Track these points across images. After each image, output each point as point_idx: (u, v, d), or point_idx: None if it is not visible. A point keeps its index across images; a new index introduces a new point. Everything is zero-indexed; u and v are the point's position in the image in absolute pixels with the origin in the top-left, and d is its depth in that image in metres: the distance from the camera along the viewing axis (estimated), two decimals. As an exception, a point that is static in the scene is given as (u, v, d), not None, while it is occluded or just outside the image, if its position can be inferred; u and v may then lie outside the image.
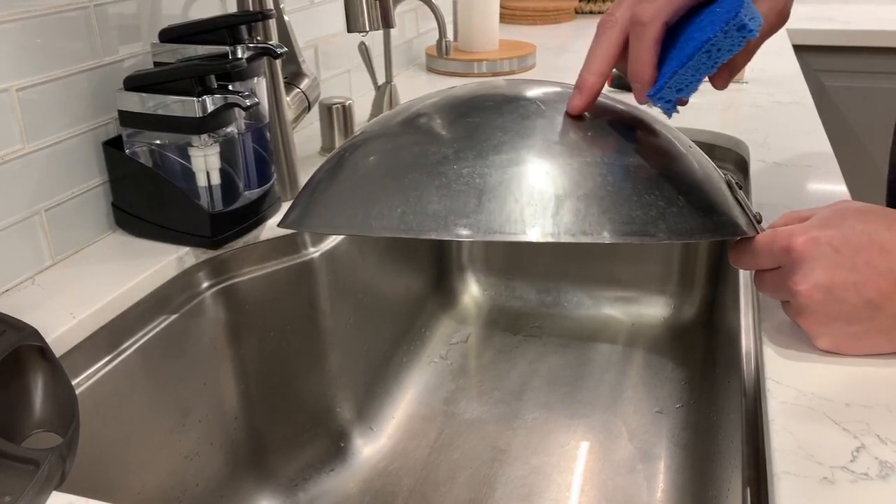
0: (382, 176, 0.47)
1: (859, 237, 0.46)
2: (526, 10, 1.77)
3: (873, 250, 0.45)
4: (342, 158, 0.51)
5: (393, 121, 0.52)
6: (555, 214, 0.43)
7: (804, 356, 0.48)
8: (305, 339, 0.80)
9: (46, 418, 0.47)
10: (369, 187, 0.47)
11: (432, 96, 0.54)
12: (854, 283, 0.45)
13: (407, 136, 0.49)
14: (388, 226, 0.44)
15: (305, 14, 1.00)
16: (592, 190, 0.44)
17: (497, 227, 0.43)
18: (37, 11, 0.61)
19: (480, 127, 0.47)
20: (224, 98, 0.64)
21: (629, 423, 0.87)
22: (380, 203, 0.45)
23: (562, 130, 0.48)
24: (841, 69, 1.68)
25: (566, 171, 0.45)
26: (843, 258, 0.45)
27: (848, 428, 0.42)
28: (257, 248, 0.73)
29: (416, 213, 0.44)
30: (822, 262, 0.46)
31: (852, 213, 0.47)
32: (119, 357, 0.61)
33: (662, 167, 0.47)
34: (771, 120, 0.98)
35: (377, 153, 0.49)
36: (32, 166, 0.62)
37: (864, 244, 0.45)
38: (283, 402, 0.79)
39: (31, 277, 0.63)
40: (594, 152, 0.46)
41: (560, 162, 0.45)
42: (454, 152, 0.46)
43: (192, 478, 0.69)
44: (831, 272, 0.46)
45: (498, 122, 0.48)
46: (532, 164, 0.45)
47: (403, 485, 0.81)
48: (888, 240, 0.45)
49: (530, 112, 0.49)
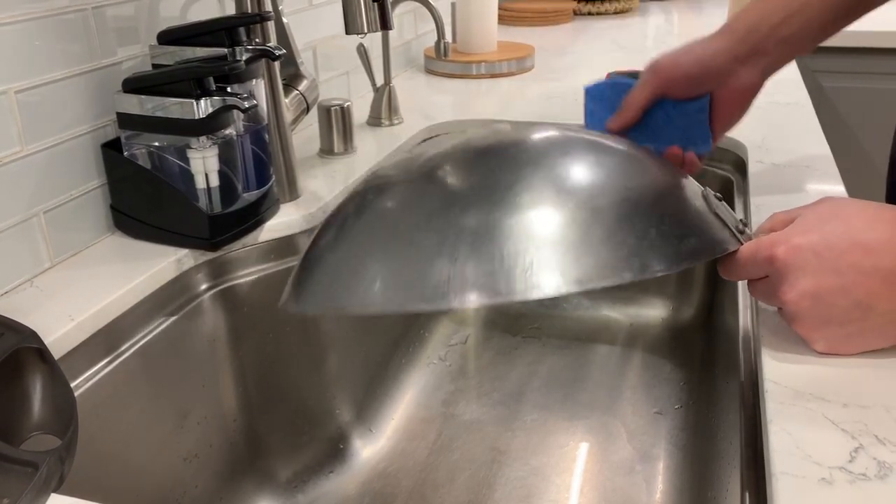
0: (385, 243, 0.46)
1: (841, 239, 0.45)
2: (524, 12, 1.77)
3: (856, 252, 0.45)
4: (344, 226, 0.50)
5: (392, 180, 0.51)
6: (510, 276, 0.42)
7: (802, 357, 0.48)
8: (304, 340, 0.80)
9: (45, 420, 0.47)
10: (371, 258, 0.46)
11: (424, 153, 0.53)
12: (841, 287, 0.45)
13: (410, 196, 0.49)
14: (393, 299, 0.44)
15: (304, 16, 1.00)
16: (560, 239, 0.43)
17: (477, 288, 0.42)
18: (35, 13, 0.61)
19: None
20: (223, 100, 0.64)
21: (628, 424, 0.88)
22: (377, 276, 0.45)
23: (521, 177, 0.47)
24: (839, 70, 1.68)
25: (526, 223, 0.44)
26: (827, 263, 0.45)
27: (846, 429, 0.42)
28: (256, 250, 0.73)
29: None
30: (806, 270, 0.46)
31: (832, 215, 0.47)
32: (118, 359, 0.61)
33: (632, 200, 0.46)
34: (769, 121, 0.98)
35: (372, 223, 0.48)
36: (31, 168, 0.62)
37: (847, 246, 0.45)
38: (282, 403, 0.79)
39: (30, 279, 0.63)
40: (563, 199, 0.45)
41: (522, 215, 0.45)
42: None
43: (191, 479, 0.69)
44: (816, 278, 0.45)
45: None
46: (502, 221, 0.45)
47: (402, 486, 0.81)
48: (871, 239, 0.45)
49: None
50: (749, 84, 0.64)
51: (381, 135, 1.01)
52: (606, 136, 0.55)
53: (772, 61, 0.63)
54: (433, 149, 0.53)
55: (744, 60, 0.63)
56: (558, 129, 0.53)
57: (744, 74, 0.63)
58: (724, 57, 0.63)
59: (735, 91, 0.64)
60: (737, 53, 0.63)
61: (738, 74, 0.63)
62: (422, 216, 0.46)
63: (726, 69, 0.63)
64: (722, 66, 0.63)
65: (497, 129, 0.56)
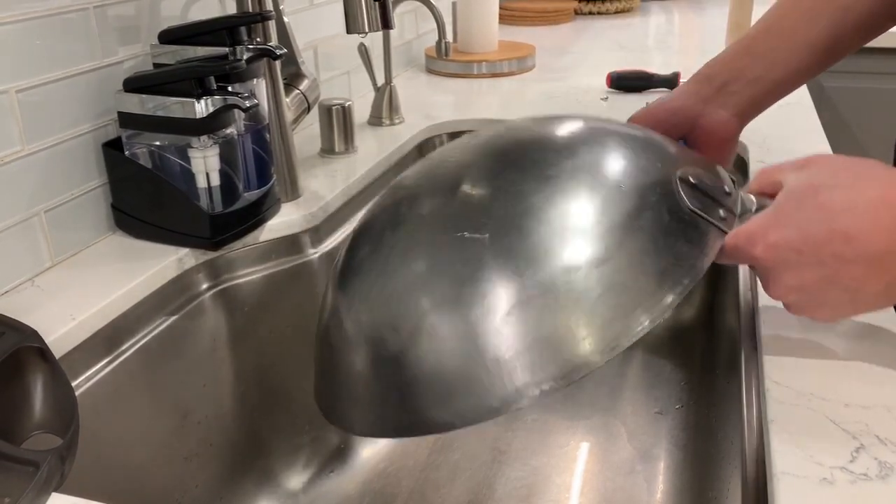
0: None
1: (818, 229, 0.44)
2: (525, 12, 1.77)
3: (836, 241, 0.43)
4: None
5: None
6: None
7: (803, 357, 0.48)
8: (305, 339, 0.80)
9: (46, 420, 0.47)
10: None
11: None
12: (825, 277, 0.44)
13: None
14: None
15: (305, 15, 1.00)
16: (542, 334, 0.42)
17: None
18: (36, 13, 0.61)
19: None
20: (223, 99, 0.64)
21: (629, 423, 0.87)
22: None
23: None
24: (840, 70, 1.67)
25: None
26: (807, 257, 0.44)
27: (847, 428, 0.42)
28: (257, 250, 0.73)
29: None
30: (787, 267, 0.45)
31: (811, 195, 0.45)
32: (119, 358, 0.61)
33: (596, 255, 0.43)
34: (770, 120, 0.98)
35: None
36: (32, 168, 0.62)
37: (825, 236, 0.44)
38: (282, 403, 0.79)
39: (31, 279, 0.63)
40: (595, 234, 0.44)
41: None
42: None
43: (192, 479, 0.69)
44: (799, 274, 0.45)
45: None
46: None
47: (403, 486, 0.81)
48: (850, 226, 0.43)
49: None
50: (720, 123, 0.64)
51: (381, 134, 1.01)
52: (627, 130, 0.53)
53: (744, 100, 0.63)
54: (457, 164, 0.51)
55: (711, 100, 0.63)
56: (581, 126, 0.52)
57: (713, 113, 0.63)
58: (692, 100, 0.64)
59: (707, 131, 0.64)
60: (703, 95, 0.63)
61: (707, 115, 0.63)
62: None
63: (695, 111, 0.64)
64: (690, 109, 0.64)
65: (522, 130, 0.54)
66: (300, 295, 0.78)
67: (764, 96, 0.64)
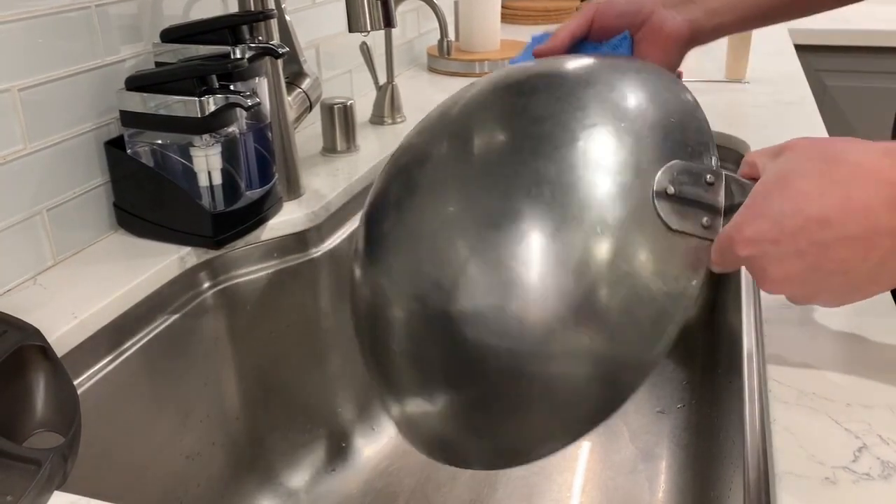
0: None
1: (792, 220, 0.43)
2: (527, 10, 1.77)
3: (811, 228, 0.42)
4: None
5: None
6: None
7: (805, 357, 0.48)
8: (307, 338, 0.80)
9: (48, 418, 0.47)
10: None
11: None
12: (811, 265, 0.43)
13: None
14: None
15: (307, 14, 1.00)
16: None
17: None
18: (38, 11, 0.61)
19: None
20: (225, 98, 0.64)
21: (630, 423, 0.87)
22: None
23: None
24: (842, 69, 1.68)
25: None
26: (786, 246, 0.43)
27: (849, 428, 0.42)
28: (259, 248, 0.73)
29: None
30: (769, 260, 0.44)
31: (780, 186, 0.44)
32: (121, 357, 0.61)
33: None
34: (772, 120, 0.98)
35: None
36: (34, 166, 0.62)
37: (799, 225, 0.42)
38: (284, 401, 0.79)
39: (33, 277, 0.63)
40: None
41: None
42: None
43: (194, 478, 0.69)
44: (782, 266, 0.43)
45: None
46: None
47: (405, 485, 0.81)
48: (823, 209, 0.42)
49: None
50: (671, 28, 0.64)
51: (383, 133, 1.01)
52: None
53: (700, 16, 0.64)
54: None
55: (670, 5, 0.64)
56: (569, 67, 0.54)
57: (668, 17, 0.64)
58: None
59: (654, 31, 0.64)
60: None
61: (661, 16, 0.64)
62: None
63: (650, 9, 0.64)
64: (648, 5, 0.64)
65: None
66: (302, 294, 0.78)
67: (724, 16, 0.64)
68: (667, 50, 0.65)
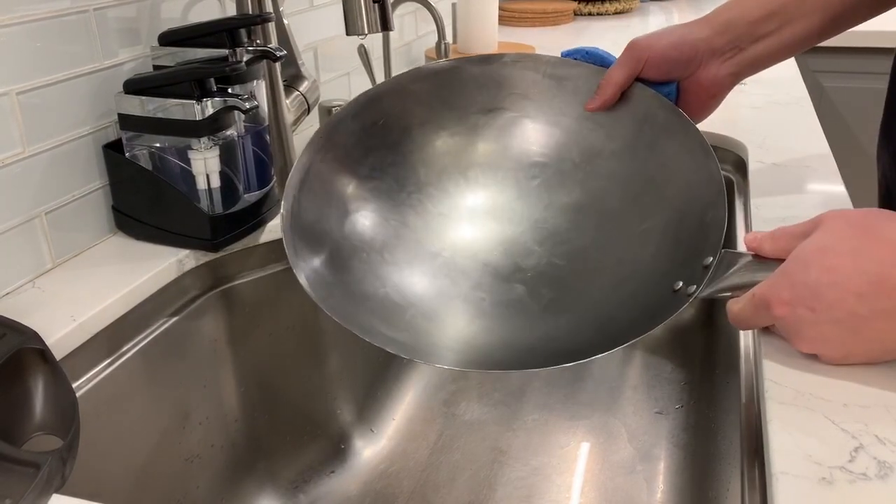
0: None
1: (830, 291, 0.44)
2: (525, 13, 1.77)
3: (848, 300, 0.44)
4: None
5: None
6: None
7: (802, 357, 0.48)
8: (305, 340, 0.80)
9: (47, 421, 0.47)
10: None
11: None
12: (847, 331, 0.45)
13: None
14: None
15: (305, 17, 1.00)
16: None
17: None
18: (37, 15, 0.61)
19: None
20: (223, 101, 0.65)
21: (629, 424, 0.88)
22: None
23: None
24: (840, 70, 1.68)
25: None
26: (822, 315, 0.45)
27: (846, 428, 0.42)
28: (257, 251, 0.73)
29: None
30: (804, 323, 0.46)
31: (817, 260, 0.45)
32: (119, 360, 0.61)
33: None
34: (769, 121, 0.99)
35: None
36: (33, 170, 0.62)
37: (837, 298, 0.44)
38: (283, 404, 0.79)
39: (32, 280, 0.63)
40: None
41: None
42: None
43: (193, 480, 0.69)
44: (818, 329, 0.45)
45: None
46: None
47: (404, 486, 0.81)
48: (859, 287, 0.44)
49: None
50: (718, 79, 0.63)
51: (381, 135, 1.01)
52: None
53: (745, 60, 0.63)
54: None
55: (718, 53, 0.62)
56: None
57: (714, 68, 0.63)
58: (702, 46, 0.62)
59: (702, 84, 0.63)
60: (713, 45, 0.62)
61: (709, 66, 0.63)
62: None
63: (699, 59, 0.62)
64: (696, 55, 0.62)
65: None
66: (300, 296, 0.78)
67: (766, 58, 0.63)
68: (708, 102, 0.65)
